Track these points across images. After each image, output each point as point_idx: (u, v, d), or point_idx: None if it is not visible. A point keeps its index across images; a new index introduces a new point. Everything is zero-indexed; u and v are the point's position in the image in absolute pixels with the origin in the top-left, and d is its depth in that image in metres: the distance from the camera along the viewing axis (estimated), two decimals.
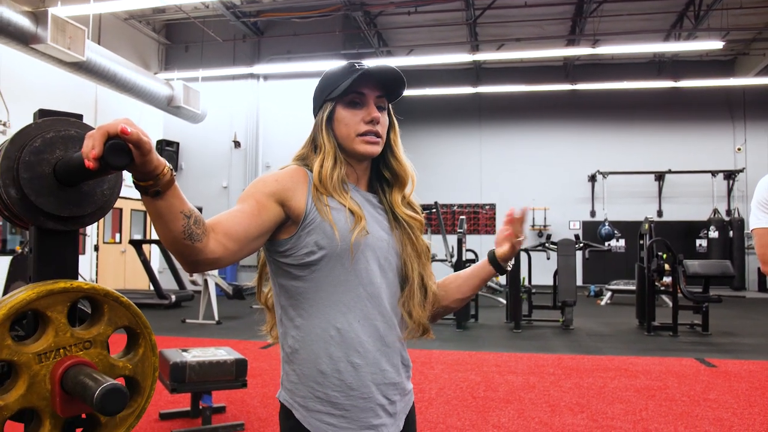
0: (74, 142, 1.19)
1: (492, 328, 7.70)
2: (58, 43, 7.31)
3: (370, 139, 1.18)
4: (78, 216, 1.21)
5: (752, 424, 3.71)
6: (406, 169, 1.26)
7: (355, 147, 1.18)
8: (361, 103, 1.19)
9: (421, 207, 1.33)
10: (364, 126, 1.18)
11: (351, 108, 1.18)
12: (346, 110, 1.19)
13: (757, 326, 8.23)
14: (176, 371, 3.42)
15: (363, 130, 1.18)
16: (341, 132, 1.19)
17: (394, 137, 1.26)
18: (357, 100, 1.19)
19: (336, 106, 1.19)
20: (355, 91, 1.18)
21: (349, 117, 1.18)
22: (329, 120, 1.19)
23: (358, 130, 1.18)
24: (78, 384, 1.08)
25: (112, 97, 10.40)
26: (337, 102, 1.19)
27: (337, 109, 1.19)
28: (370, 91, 1.19)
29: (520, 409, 3.98)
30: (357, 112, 1.18)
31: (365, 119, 1.18)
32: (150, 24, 12.38)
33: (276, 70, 12.18)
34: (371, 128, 1.18)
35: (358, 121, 1.18)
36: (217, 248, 1.01)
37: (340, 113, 1.19)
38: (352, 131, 1.18)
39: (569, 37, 12.32)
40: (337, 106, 1.19)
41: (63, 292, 1.16)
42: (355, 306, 1.15)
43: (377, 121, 1.18)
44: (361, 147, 1.18)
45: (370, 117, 1.18)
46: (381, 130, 1.20)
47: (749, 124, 14.04)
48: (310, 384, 1.14)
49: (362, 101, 1.19)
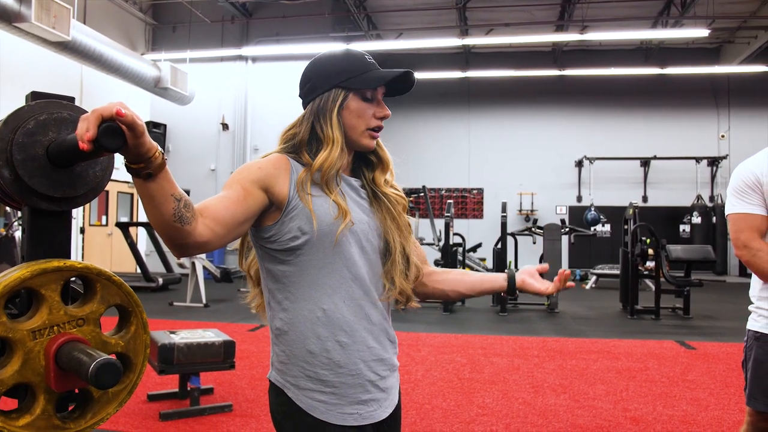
0: (67, 125, 1.21)
1: (478, 312, 7.81)
2: (42, 22, 7.20)
3: (375, 134, 1.22)
4: (71, 197, 1.23)
5: (728, 403, 3.83)
6: (387, 155, 1.30)
7: (361, 140, 1.21)
8: (372, 98, 1.21)
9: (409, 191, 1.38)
10: (375, 121, 1.21)
11: (365, 101, 1.20)
12: (360, 102, 1.20)
13: (737, 310, 8.40)
14: (164, 353, 3.44)
15: (374, 125, 1.21)
16: (351, 123, 1.20)
17: None
18: (369, 95, 1.21)
19: (349, 95, 1.20)
20: (374, 87, 1.20)
21: (363, 110, 1.20)
22: (340, 108, 1.20)
23: (369, 125, 1.21)
24: (72, 359, 1.11)
25: (99, 78, 10.28)
26: (350, 92, 1.20)
27: (349, 99, 1.20)
28: (381, 87, 1.22)
29: (504, 390, 4.06)
30: (370, 106, 1.21)
31: (377, 115, 1.21)
32: (137, 3, 12.20)
33: (264, 52, 12.09)
34: (380, 124, 1.22)
35: (370, 116, 1.21)
36: (206, 232, 1.03)
37: (353, 104, 1.20)
38: (363, 125, 1.20)
39: (558, 23, 12.34)
40: (351, 95, 1.20)
41: (56, 271, 1.19)
42: (340, 287, 1.18)
43: (387, 118, 1.22)
44: (365, 141, 1.22)
45: (382, 114, 1.21)
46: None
47: (733, 111, 14.19)
48: (300, 364, 1.18)
49: (373, 96, 1.21)
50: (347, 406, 1.19)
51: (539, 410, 3.65)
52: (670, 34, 11.67)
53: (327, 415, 1.18)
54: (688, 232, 13.82)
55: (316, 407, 1.17)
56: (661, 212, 13.94)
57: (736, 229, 1.87)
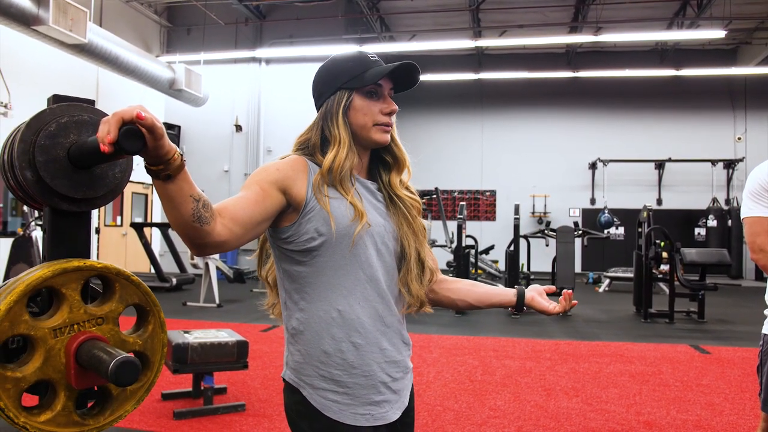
0: (87, 127, 1.24)
1: (490, 314, 7.78)
2: (59, 25, 7.30)
3: (386, 128, 1.24)
4: (91, 198, 1.26)
5: (743, 408, 3.79)
6: (404, 154, 1.31)
7: (371, 135, 1.23)
8: (378, 93, 1.23)
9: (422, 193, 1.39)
10: (382, 117, 1.23)
11: (369, 99, 1.23)
12: (364, 100, 1.22)
13: (752, 314, 8.30)
14: (178, 352, 3.48)
15: (382, 120, 1.23)
16: (358, 121, 1.22)
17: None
18: (374, 91, 1.23)
19: (353, 95, 1.22)
20: (374, 83, 1.22)
21: (368, 107, 1.22)
22: (346, 109, 1.22)
23: (376, 120, 1.22)
24: (93, 357, 1.14)
25: (114, 80, 10.39)
26: (354, 91, 1.22)
27: (354, 99, 1.22)
28: (386, 83, 1.23)
29: (516, 393, 4.05)
30: (375, 103, 1.23)
31: (384, 111, 1.23)
32: (152, 6, 12.32)
33: (278, 54, 12.15)
34: (388, 120, 1.23)
35: (377, 112, 1.22)
36: (224, 232, 1.05)
37: (358, 102, 1.22)
38: (370, 121, 1.22)
39: (572, 24, 12.26)
40: (354, 95, 1.22)
41: (77, 271, 1.21)
42: (355, 289, 1.20)
43: (395, 113, 1.24)
44: (378, 136, 1.23)
45: (389, 109, 1.23)
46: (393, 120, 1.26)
47: (750, 113, 14.01)
48: (315, 363, 1.20)
49: (379, 92, 1.23)
50: (360, 406, 1.20)
51: (551, 413, 3.64)
52: (686, 35, 11.56)
53: (340, 415, 1.19)
54: (704, 235, 13.66)
55: (329, 407, 1.19)
56: (675, 215, 13.81)
57: (752, 232, 1.85)
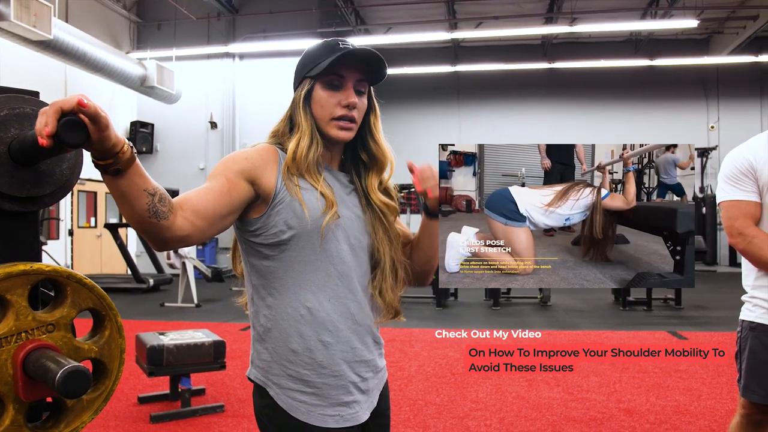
0: (30, 120, 1.15)
1: (471, 306, 7.78)
2: (22, 21, 7.09)
3: (344, 124, 1.16)
4: (36, 196, 1.18)
5: (719, 392, 3.83)
6: (384, 153, 1.25)
7: (328, 131, 1.17)
8: (340, 85, 1.16)
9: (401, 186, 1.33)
10: (340, 110, 1.16)
11: (329, 89, 1.16)
12: (324, 91, 1.16)
13: (727, 300, 8.42)
14: (153, 354, 3.40)
15: (339, 114, 1.16)
16: (317, 113, 1.17)
17: (374, 121, 1.24)
18: (336, 82, 1.16)
19: (315, 84, 1.17)
20: (335, 73, 1.15)
21: (326, 98, 1.16)
22: (307, 98, 1.17)
23: (333, 114, 1.16)
24: (40, 367, 1.06)
25: (83, 78, 10.14)
26: (316, 81, 1.16)
27: (315, 88, 1.17)
28: (350, 74, 1.16)
29: (497, 385, 4.04)
30: (335, 94, 1.16)
31: (342, 103, 1.16)
32: (120, 1, 12.05)
33: (252, 48, 11.97)
34: (347, 113, 1.16)
35: (335, 104, 1.16)
36: (185, 225, 1.00)
37: (318, 93, 1.16)
38: (327, 114, 1.16)
39: (547, 15, 12.30)
40: (316, 84, 1.17)
41: (23, 275, 1.13)
42: (326, 285, 1.15)
43: (353, 106, 1.16)
44: (334, 132, 1.17)
45: (346, 101, 1.16)
46: (357, 115, 1.18)
47: (722, 102, 14.22)
48: (282, 362, 1.15)
49: (341, 84, 1.16)
50: (329, 407, 1.16)
51: (533, 404, 3.63)
52: (659, 25, 11.68)
53: (308, 416, 1.14)
54: None
55: (297, 408, 1.14)
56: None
57: (730, 216, 1.83)
